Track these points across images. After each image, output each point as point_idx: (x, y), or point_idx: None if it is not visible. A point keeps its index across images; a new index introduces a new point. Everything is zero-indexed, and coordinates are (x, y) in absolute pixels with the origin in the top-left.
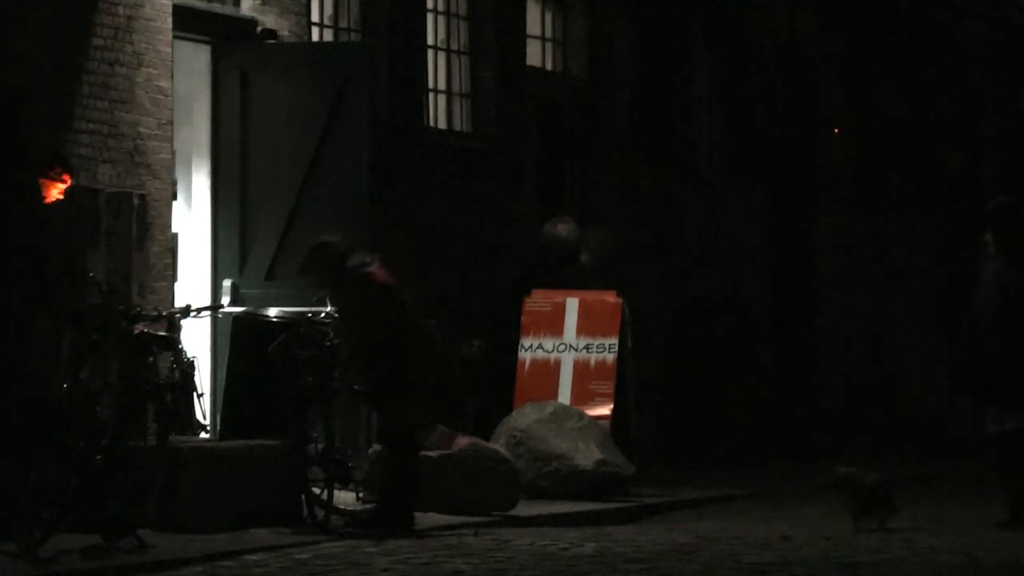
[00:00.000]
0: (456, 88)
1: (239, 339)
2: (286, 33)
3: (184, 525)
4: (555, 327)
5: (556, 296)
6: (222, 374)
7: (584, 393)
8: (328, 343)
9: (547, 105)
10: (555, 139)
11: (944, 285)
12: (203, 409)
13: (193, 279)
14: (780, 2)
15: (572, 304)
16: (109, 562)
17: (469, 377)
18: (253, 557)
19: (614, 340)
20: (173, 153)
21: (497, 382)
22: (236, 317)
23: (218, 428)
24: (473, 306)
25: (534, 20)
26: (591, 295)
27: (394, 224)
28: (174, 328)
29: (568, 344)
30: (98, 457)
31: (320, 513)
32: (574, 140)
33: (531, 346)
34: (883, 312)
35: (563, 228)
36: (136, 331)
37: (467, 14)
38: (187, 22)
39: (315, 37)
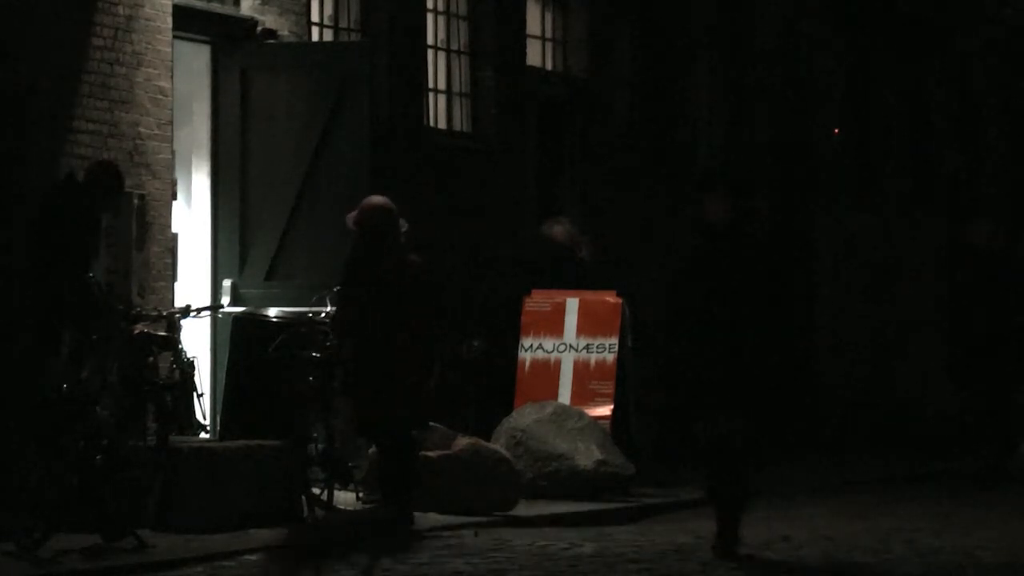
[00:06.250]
0: (456, 88)
1: (239, 339)
2: (286, 33)
3: (184, 525)
4: (555, 327)
5: (556, 296)
6: (222, 374)
7: (584, 393)
8: (328, 343)
9: (547, 105)
10: (555, 139)
11: (944, 284)
12: (203, 409)
13: (193, 279)
14: (780, 2)
15: (572, 304)
16: (109, 562)
17: (469, 377)
18: (253, 557)
19: (614, 340)
20: (173, 153)
21: (497, 382)
22: (236, 317)
23: (218, 428)
24: (473, 306)
25: (534, 20)
26: (591, 295)
27: None
28: (174, 328)
29: (568, 344)
30: (98, 457)
31: (320, 513)
32: (574, 140)
33: (531, 346)
34: (883, 312)
35: (558, 229)
36: (136, 331)
37: (467, 14)
38: (187, 22)
39: (315, 37)
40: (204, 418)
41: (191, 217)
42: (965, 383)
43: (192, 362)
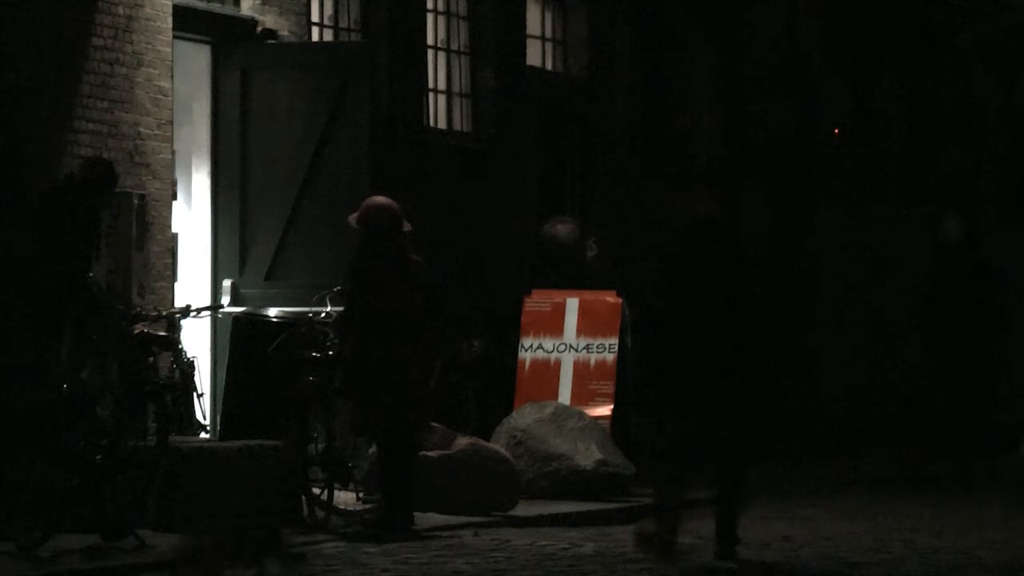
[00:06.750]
0: (456, 88)
1: (239, 339)
2: (286, 33)
3: (184, 525)
4: (555, 327)
5: (556, 296)
6: (222, 374)
7: (584, 393)
8: (328, 343)
9: (547, 105)
10: (555, 139)
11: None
12: (203, 409)
13: (193, 279)
14: (780, 2)
15: (572, 304)
16: (109, 562)
17: (469, 377)
18: None
19: (614, 340)
20: (173, 153)
21: (497, 382)
22: (236, 317)
23: (218, 428)
24: (473, 306)
25: (534, 20)
26: (591, 295)
27: None
28: (174, 328)
29: (568, 344)
30: (98, 457)
31: (320, 513)
32: (574, 140)
33: (531, 346)
34: (883, 311)
35: (562, 228)
36: (136, 331)
37: (467, 14)
38: (187, 22)
39: (315, 37)
40: (204, 418)
41: (191, 217)
42: (941, 388)
43: (192, 362)
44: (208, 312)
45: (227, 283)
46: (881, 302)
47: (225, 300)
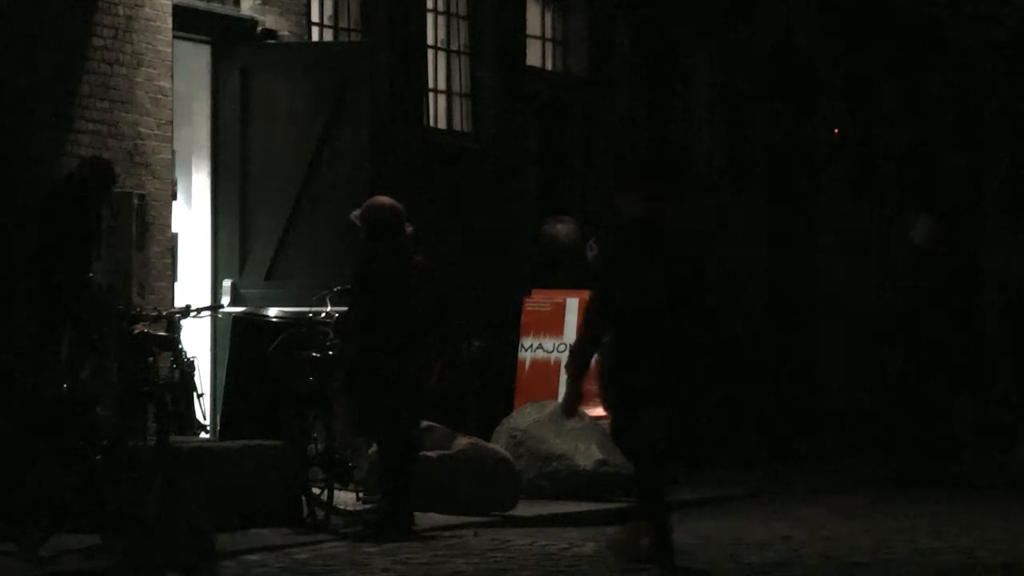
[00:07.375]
0: (456, 88)
1: (239, 339)
2: (286, 33)
3: (184, 525)
4: (555, 327)
5: (556, 296)
6: (222, 374)
7: (584, 393)
8: (328, 343)
9: (547, 105)
10: (555, 139)
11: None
12: (203, 409)
13: (193, 279)
14: (780, 2)
15: (572, 304)
16: (109, 562)
17: (469, 377)
18: (253, 557)
19: None
20: (173, 153)
21: (497, 382)
22: (236, 317)
23: (218, 428)
24: (473, 306)
25: (534, 20)
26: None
27: None
28: (174, 328)
29: (568, 344)
30: (98, 457)
31: (320, 513)
32: (574, 140)
33: (531, 346)
34: (883, 312)
35: (562, 228)
36: (136, 331)
37: (467, 14)
38: (187, 22)
39: (315, 37)
40: (204, 418)
41: (191, 217)
42: (907, 385)
43: (192, 362)
44: (208, 312)
45: (227, 283)
46: (881, 302)
47: (225, 300)
